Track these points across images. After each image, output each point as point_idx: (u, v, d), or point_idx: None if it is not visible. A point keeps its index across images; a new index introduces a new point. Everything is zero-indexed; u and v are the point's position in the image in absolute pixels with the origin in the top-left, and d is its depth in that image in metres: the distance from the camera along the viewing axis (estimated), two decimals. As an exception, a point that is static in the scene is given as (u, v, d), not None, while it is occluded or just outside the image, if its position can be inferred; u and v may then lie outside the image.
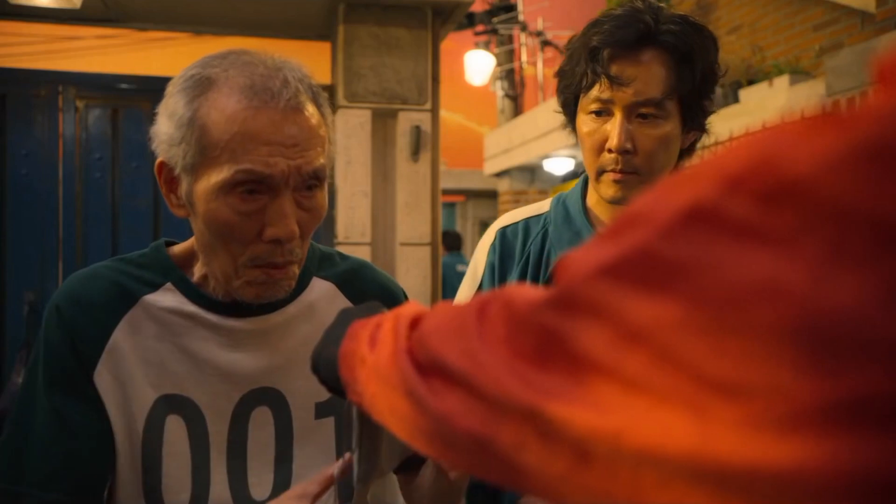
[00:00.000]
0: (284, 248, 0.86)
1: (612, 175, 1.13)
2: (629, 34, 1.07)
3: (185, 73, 0.86)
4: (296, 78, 0.85)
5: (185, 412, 0.92)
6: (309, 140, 0.85)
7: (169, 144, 0.86)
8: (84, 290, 0.92)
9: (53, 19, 3.55)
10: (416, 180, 3.34)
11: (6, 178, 3.20)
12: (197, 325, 0.93)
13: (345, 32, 3.26)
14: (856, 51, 2.97)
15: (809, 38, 4.96)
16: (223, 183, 0.83)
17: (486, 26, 8.15)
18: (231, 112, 0.82)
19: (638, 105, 1.10)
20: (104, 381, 0.89)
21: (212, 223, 0.86)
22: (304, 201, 0.87)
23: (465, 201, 12.18)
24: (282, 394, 0.96)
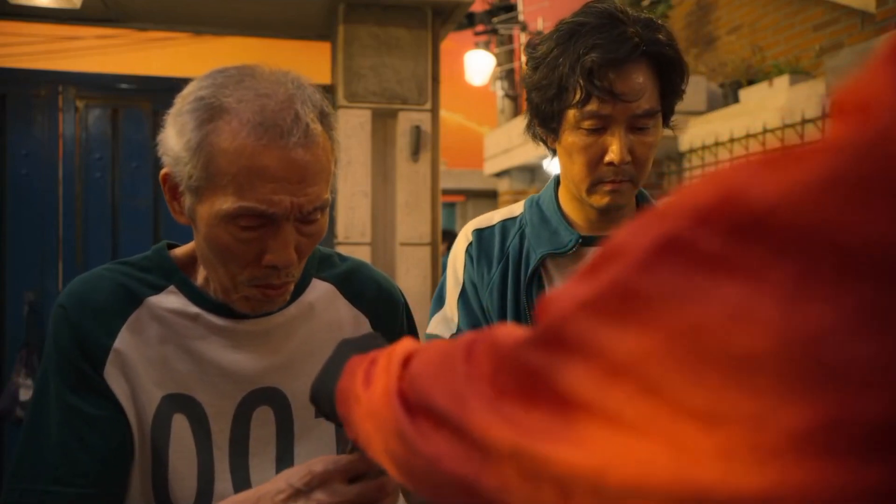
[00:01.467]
0: (282, 272, 0.88)
1: (609, 185, 1.15)
2: (625, 51, 1.08)
3: (198, 90, 0.86)
4: (307, 109, 0.85)
5: (190, 411, 0.94)
6: (316, 175, 0.86)
7: (175, 160, 0.86)
8: (89, 292, 0.93)
9: (53, 19, 3.55)
10: (416, 180, 3.34)
11: (6, 178, 3.20)
12: (200, 327, 0.94)
13: (345, 32, 3.26)
14: (856, 51, 2.97)
15: (809, 38, 4.96)
16: (226, 213, 0.83)
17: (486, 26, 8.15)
18: (239, 146, 0.82)
19: (637, 118, 1.11)
20: (113, 378, 0.91)
21: (212, 245, 0.87)
22: (305, 228, 0.88)
23: (465, 201, 12.18)
24: (283, 393, 0.97)
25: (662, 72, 1.12)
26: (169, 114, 0.88)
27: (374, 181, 3.34)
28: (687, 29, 6.46)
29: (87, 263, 3.23)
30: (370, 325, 1.05)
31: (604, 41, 1.08)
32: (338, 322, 1.03)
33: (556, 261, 1.22)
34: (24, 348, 3.13)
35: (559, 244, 1.21)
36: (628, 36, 1.09)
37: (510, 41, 8.58)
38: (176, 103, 0.88)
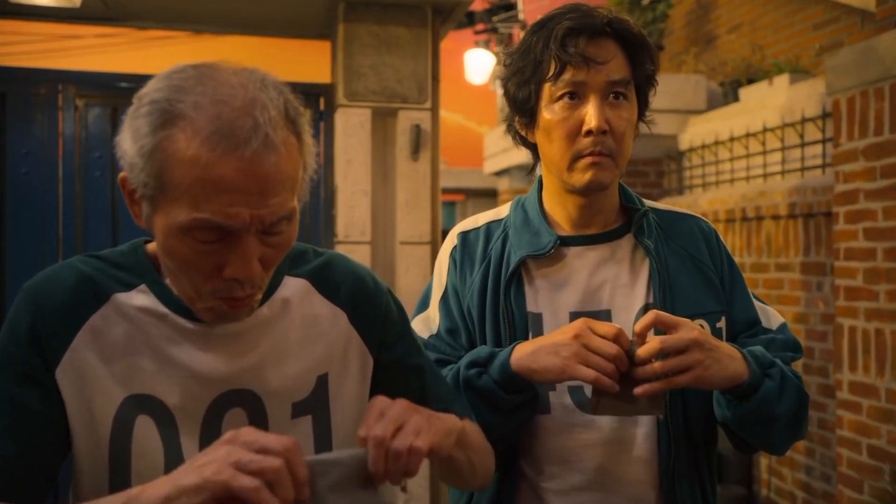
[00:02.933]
0: (245, 285, 0.85)
1: (588, 159, 1.16)
2: (595, 22, 1.14)
3: (154, 91, 0.81)
4: (269, 114, 0.80)
5: (156, 413, 0.90)
6: (277, 185, 0.81)
7: (130, 166, 0.82)
8: (55, 284, 0.90)
9: (53, 18, 3.55)
10: (416, 179, 3.34)
11: (6, 177, 3.20)
12: (168, 327, 0.91)
13: (345, 31, 3.26)
14: (856, 49, 2.96)
15: (809, 36, 4.96)
16: (180, 225, 0.80)
17: (486, 25, 8.14)
18: (194, 155, 0.77)
19: (611, 85, 1.15)
20: (66, 379, 0.88)
21: (170, 256, 0.84)
22: (269, 239, 0.84)
23: (465, 200, 12.18)
24: (256, 395, 0.94)
25: (630, 47, 1.17)
26: (126, 114, 0.84)
27: (374, 180, 3.34)
28: (687, 28, 6.46)
29: (87, 262, 3.22)
30: (348, 319, 1.01)
31: (575, 16, 1.15)
32: (313, 318, 0.99)
33: (537, 262, 1.23)
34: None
35: (538, 246, 1.22)
36: (595, 13, 1.15)
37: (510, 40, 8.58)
38: (133, 103, 0.83)
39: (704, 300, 1.23)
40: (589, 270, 1.23)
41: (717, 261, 1.28)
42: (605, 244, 1.24)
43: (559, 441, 1.19)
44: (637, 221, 1.23)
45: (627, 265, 1.24)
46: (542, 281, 1.23)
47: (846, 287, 3.05)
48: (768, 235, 3.93)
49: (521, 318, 1.20)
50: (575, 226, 1.25)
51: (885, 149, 2.83)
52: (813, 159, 3.81)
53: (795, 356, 1.26)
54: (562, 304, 1.22)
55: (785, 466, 3.87)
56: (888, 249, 2.83)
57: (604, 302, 1.22)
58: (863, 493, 2.97)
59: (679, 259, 1.24)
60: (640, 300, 1.22)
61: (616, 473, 1.19)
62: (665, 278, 1.21)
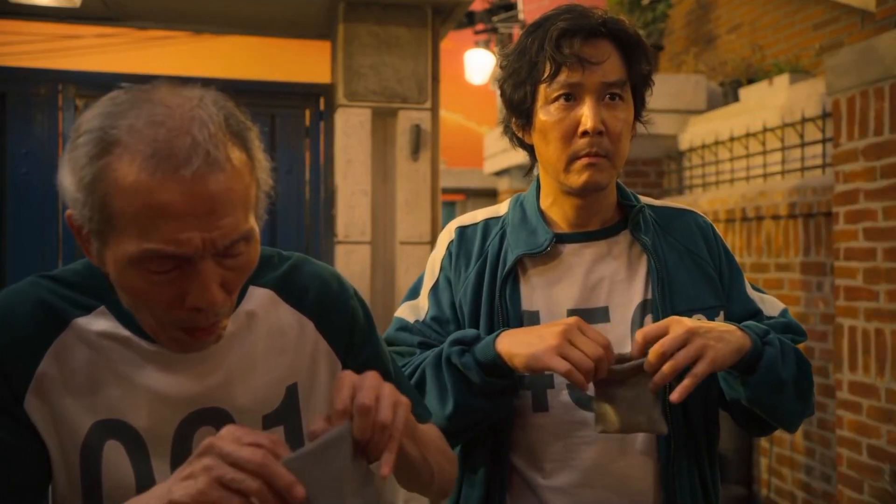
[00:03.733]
0: (209, 313, 0.81)
1: (584, 160, 1.16)
2: (590, 22, 1.14)
3: (89, 121, 0.78)
4: (210, 131, 0.76)
5: (124, 437, 0.88)
6: (227, 204, 0.77)
7: (73, 201, 0.79)
8: (11, 313, 0.86)
9: (53, 18, 3.55)
10: (416, 179, 3.34)
11: (6, 177, 3.20)
12: (131, 350, 0.88)
13: (345, 31, 3.26)
14: (856, 49, 2.96)
15: (809, 36, 4.96)
16: (131, 257, 0.76)
17: (486, 25, 8.14)
18: (134, 182, 0.74)
19: (607, 86, 1.15)
20: (34, 408, 0.85)
21: (126, 291, 0.81)
22: (228, 262, 0.81)
23: (465, 200, 12.18)
24: (226, 411, 0.92)
25: (625, 47, 1.17)
26: (65, 150, 0.81)
27: (373, 180, 3.34)
28: (687, 28, 6.46)
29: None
30: (314, 326, 0.99)
31: (570, 17, 1.15)
32: (279, 329, 0.96)
33: (533, 260, 1.23)
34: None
35: (535, 244, 1.22)
36: (593, 14, 1.16)
37: (510, 40, 8.58)
38: (70, 137, 0.80)
39: (703, 295, 1.23)
40: (586, 267, 1.23)
41: (715, 255, 1.28)
42: (602, 241, 1.24)
43: (558, 439, 1.19)
44: (633, 218, 1.24)
45: (625, 261, 1.24)
46: (538, 279, 1.23)
47: (846, 287, 3.05)
48: (768, 235, 3.93)
49: (515, 316, 1.20)
50: (572, 225, 1.25)
51: (885, 149, 2.83)
52: (813, 159, 3.81)
53: (797, 339, 1.26)
54: (559, 301, 1.22)
55: (785, 466, 3.87)
56: (888, 249, 2.83)
57: (601, 299, 1.22)
58: (863, 493, 2.97)
59: (677, 254, 1.24)
60: (638, 296, 1.22)
61: (615, 471, 1.19)
62: (663, 274, 1.21)
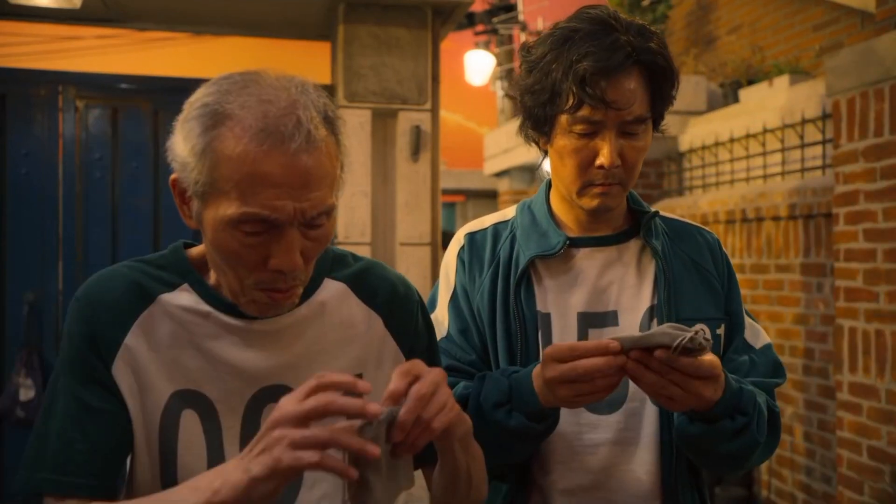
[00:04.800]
0: (288, 277, 0.89)
1: (599, 189, 1.16)
2: (618, 59, 1.10)
3: (204, 96, 0.87)
4: (311, 114, 0.86)
5: (200, 407, 0.95)
6: (319, 180, 0.86)
7: (183, 166, 0.88)
8: (104, 288, 0.96)
9: (53, 19, 3.55)
10: (416, 180, 3.34)
11: (6, 177, 3.20)
12: (211, 324, 0.96)
13: (345, 32, 3.26)
14: (856, 50, 2.96)
15: (809, 37, 4.96)
16: (230, 218, 0.85)
17: (486, 26, 8.14)
18: (242, 152, 0.83)
19: (627, 124, 1.13)
20: (121, 374, 0.93)
21: (219, 249, 0.89)
22: (311, 233, 0.89)
23: (465, 201, 12.18)
24: (293, 391, 0.97)
25: (653, 80, 1.14)
26: (177, 119, 0.90)
27: (374, 181, 3.34)
28: (687, 29, 6.46)
29: (87, 263, 3.23)
30: (383, 323, 1.05)
31: (596, 49, 1.10)
32: (350, 321, 1.03)
33: (546, 262, 1.23)
34: (24, 348, 3.13)
35: (547, 246, 1.22)
36: (621, 44, 1.10)
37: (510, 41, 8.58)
38: (184, 109, 0.89)
39: (707, 306, 1.24)
40: (597, 271, 1.23)
41: (721, 271, 1.29)
42: (613, 246, 1.25)
43: (566, 442, 1.20)
44: (646, 223, 1.24)
45: (634, 267, 1.24)
46: (550, 281, 1.23)
47: (846, 288, 3.05)
48: (768, 236, 3.93)
49: (531, 317, 1.21)
50: (583, 228, 1.25)
51: (885, 150, 2.83)
52: (813, 160, 3.81)
53: (778, 382, 1.26)
54: (570, 304, 1.22)
55: (785, 467, 3.87)
56: (888, 251, 2.83)
57: (611, 303, 1.22)
58: (863, 495, 2.97)
59: (683, 264, 1.25)
60: (646, 301, 1.22)
61: (621, 473, 1.19)
62: (670, 279, 1.22)
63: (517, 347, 1.20)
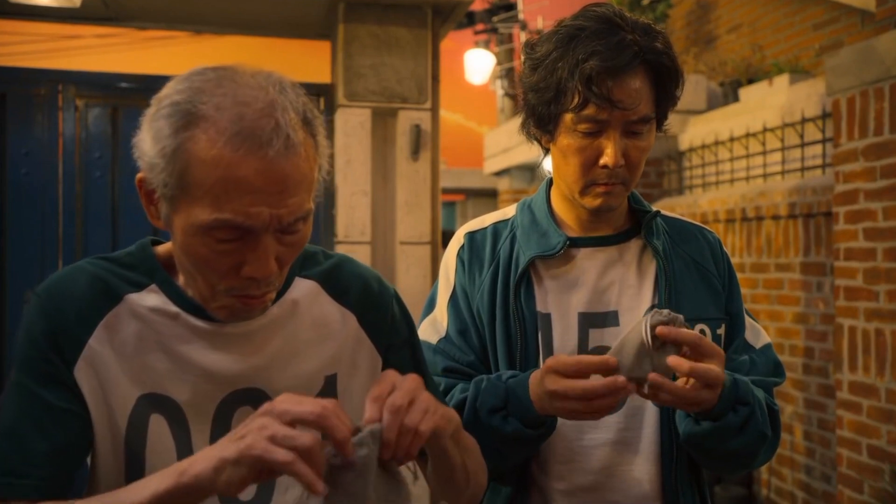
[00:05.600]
0: (261, 283, 0.86)
1: (602, 188, 1.16)
2: (624, 59, 1.09)
3: (174, 93, 0.83)
4: (289, 116, 0.81)
5: (168, 412, 0.92)
6: (296, 185, 0.82)
7: (150, 166, 0.83)
8: (68, 285, 0.91)
9: (53, 18, 3.55)
10: (416, 179, 3.34)
11: (6, 177, 3.20)
12: (179, 326, 0.92)
13: (345, 31, 3.26)
14: (856, 50, 2.96)
15: (809, 36, 4.96)
16: (202, 224, 0.81)
17: (486, 25, 8.14)
18: (216, 156, 0.79)
19: (632, 123, 1.13)
20: (84, 375, 0.89)
21: (189, 255, 0.85)
22: (286, 238, 0.86)
23: (465, 200, 12.18)
24: (266, 393, 0.95)
25: (659, 79, 1.14)
26: (144, 115, 0.85)
27: (373, 180, 3.34)
28: (687, 28, 6.46)
29: (87, 262, 3.23)
30: (357, 321, 1.02)
31: (603, 48, 1.09)
32: (322, 320, 1.00)
33: (546, 262, 1.23)
34: (25, 347, 3.13)
35: (547, 246, 1.22)
36: (627, 43, 1.10)
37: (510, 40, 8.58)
38: (152, 105, 0.85)
39: (708, 306, 1.24)
40: (597, 271, 1.23)
41: (722, 271, 1.28)
42: (614, 246, 1.25)
43: (566, 442, 1.20)
44: (647, 223, 1.24)
45: (635, 267, 1.24)
46: (550, 282, 1.23)
47: (846, 287, 3.05)
48: (768, 235, 3.93)
49: (531, 318, 1.21)
50: (584, 228, 1.25)
51: (884, 149, 2.83)
52: (813, 159, 3.81)
53: (777, 381, 1.26)
54: (570, 304, 1.22)
55: (785, 466, 3.87)
56: (888, 249, 2.83)
57: (611, 303, 1.22)
58: (863, 494, 2.97)
59: (684, 264, 1.25)
60: (647, 301, 1.22)
61: (622, 473, 1.19)
62: (671, 279, 1.21)
63: (517, 348, 1.20)
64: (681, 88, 1.17)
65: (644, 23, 1.15)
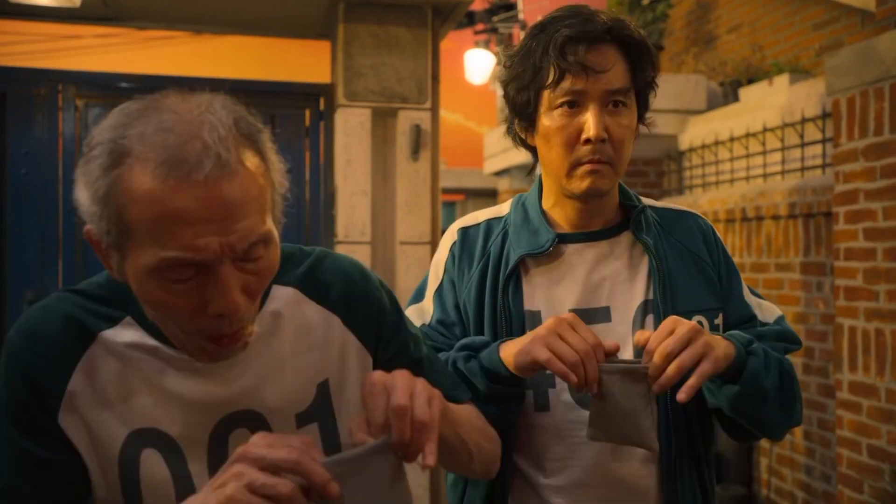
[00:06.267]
0: (233, 320, 0.81)
1: (587, 167, 1.16)
2: (596, 28, 1.13)
3: (100, 133, 0.78)
4: (220, 133, 0.75)
5: (160, 444, 0.89)
6: (243, 207, 0.76)
7: (90, 216, 0.79)
8: (39, 330, 0.87)
9: (53, 18, 3.55)
10: (416, 179, 3.34)
11: (6, 177, 3.20)
12: (159, 360, 0.89)
13: (345, 31, 3.26)
14: (856, 50, 2.96)
15: (809, 36, 4.96)
16: (150, 267, 0.76)
17: (486, 25, 8.13)
18: (146, 191, 0.73)
19: (610, 94, 1.14)
20: (69, 422, 0.86)
21: (149, 302, 0.81)
22: (249, 265, 0.80)
23: (465, 200, 12.18)
24: (258, 413, 0.92)
25: (631, 53, 1.16)
26: (79, 164, 0.80)
27: (373, 180, 3.34)
28: (687, 28, 6.46)
29: (87, 262, 3.23)
30: (342, 322, 0.98)
31: (575, 23, 1.14)
32: (306, 327, 0.96)
33: (535, 259, 1.23)
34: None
35: (537, 244, 1.22)
36: (597, 20, 1.14)
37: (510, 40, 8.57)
38: (83, 151, 0.79)
39: (703, 297, 1.23)
40: (588, 267, 1.23)
41: (716, 258, 1.28)
42: (604, 241, 1.25)
43: (559, 438, 1.20)
44: (635, 218, 1.24)
45: (626, 261, 1.24)
46: (540, 279, 1.23)
47: (846, 287, 3.05)
48: (768, 235, 3.93)
49: (518, 316, 1.21)
50: (574, 225, 1.25)
51: (884, 149, 2.83)
52: (813, 159, 3.81)
53: (790, 347, 1.25)
54: (561, 300, 1.22)
55: (785, 466, 3.87)
56: (888, 249, 2.83)
57: (603, 298, 1.22)
58: (863, 493, 2.97)
59: (678, 255, 1.25)
60: (639, 296, 1.22)
61: (616, 470, 1.19)
62: (664, 274, 1.21)
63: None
64: (655, 69, 1.19)
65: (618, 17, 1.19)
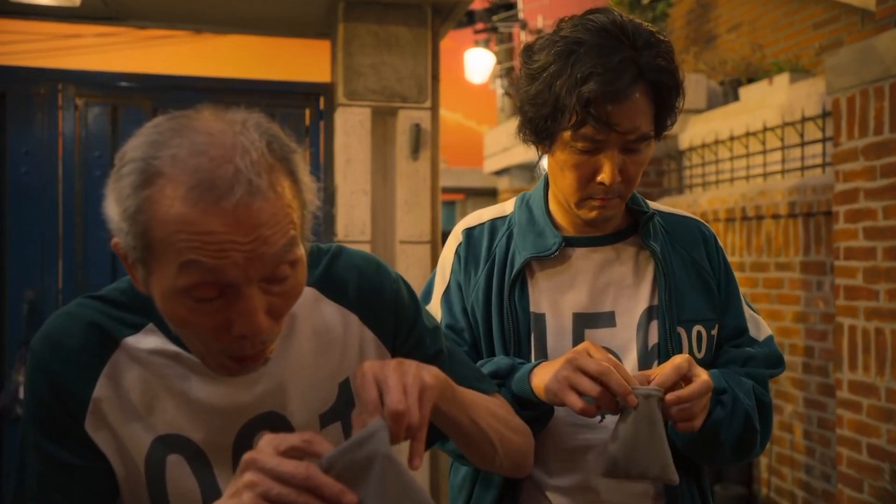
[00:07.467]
0: (255, 341, 0.81)
1: (598, 202, 1.15)
2: (624, 82, 1.06)
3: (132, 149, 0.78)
4: (251, 158, 0.75)
5: (185, 450, 0.90)
6: (272, 231, 0.76)
7: (118, 230, 0.80)
8: (62, 337, 0.88)
9: (53, 17, 3.55)
10: (416, 178, 3.34)
11: (6, 176, 3.20)
12: (182, 365, 0.89)
13: (345, 31, 3.26)
14: (856, 49, 2.96)
15: (809, 36, 4.96)
16: (175, 288, 0.76)
17: (486, 24, 8.13)
18: (176, 215, 0.74)
19: (630, 142, 1.11)
20: (95, 428, 0.87)
21: (172, 319, 0.81)
22: (275, 287, 0.80)
23: (465, 199, 12.17)
24: (282, 415, 0.93)
25: (659, 96, 1.11)
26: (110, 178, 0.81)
27: (373, 179, 3.34)
28: (687, 27, 6.46)
29: (87, 262, 3.23)
30: (359, 319, 0.98)
31: (602, 69, 1.05)
32: (324, 327, 0.96)
33: (541, 262, 1.23)
34: (25, 346, 3.13)
35: (543, 247, 1.21)
36: (627, 64, 1.06)
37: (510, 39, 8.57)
38: (115, 164, 0.80)
39: (704, 307, 1.24)
40: (593, 272, 1.23)
41: (716, 266, 1.28)
42: (610, 246, 1.24)
43: (564, 440, 1.20)
44: (644, 224, 1.23)
45: (632, 267, 1.23)
46: (546, 282, 1.23)
47: (846, 286, 3.05)
48: (768, 235, 3.93)
49: (524, 318, 1.20)
50: (580, 229, 1.25)
51: (884, 148, 2.83)
52: (813, 158, 3.81)
53: (774, 372, 1.26)
54: (565, 305, 1.21)
55: (785, 466, 3.87)
56: (888, 248, 2.83)
57: (608, 303, 1.22)
58: (863, 493, 2.97)
59: (682, 263, 1.25)
60: (644, 302, 1.22)
61: None
62: (670, 282, 1.21)
63: (510, 347, 1.20)
64: (682, 100, 1.14)
65: (646, 32, 1.10)
